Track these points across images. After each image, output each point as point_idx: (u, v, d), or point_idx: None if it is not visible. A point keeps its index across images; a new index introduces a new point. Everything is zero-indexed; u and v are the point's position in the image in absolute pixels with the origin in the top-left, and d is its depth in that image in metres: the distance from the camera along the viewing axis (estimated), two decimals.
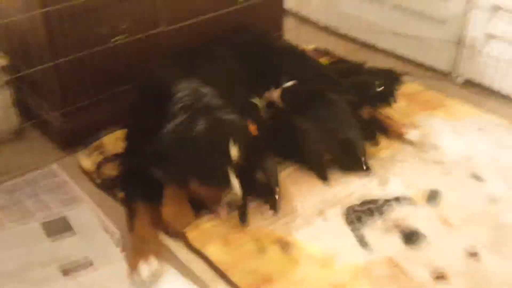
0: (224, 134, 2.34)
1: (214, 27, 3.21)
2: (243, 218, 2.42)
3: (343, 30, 3.86)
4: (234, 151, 2.32)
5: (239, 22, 3.32)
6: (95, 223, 2.48)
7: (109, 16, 2.78)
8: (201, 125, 2.29)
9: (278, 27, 3.69)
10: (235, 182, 2.33)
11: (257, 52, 3.05)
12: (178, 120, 2.31)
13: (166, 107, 2.38)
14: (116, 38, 2.83)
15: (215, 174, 2.32)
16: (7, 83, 2.90)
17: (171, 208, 2.39)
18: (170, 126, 2.31)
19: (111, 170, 2.75)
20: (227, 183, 2.32)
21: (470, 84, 3.49)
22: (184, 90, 2.42)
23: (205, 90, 2.45)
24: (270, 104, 2.94)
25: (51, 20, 2.61)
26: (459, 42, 3.45)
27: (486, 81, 3.40)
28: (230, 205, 2.39)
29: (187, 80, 2.47)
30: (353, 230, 2.40)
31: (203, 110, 2.34)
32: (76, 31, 2.69)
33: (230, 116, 2.40)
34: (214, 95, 2.44)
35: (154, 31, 2.95)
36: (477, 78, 3.44)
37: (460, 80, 3.52)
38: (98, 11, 2.72)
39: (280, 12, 3.65)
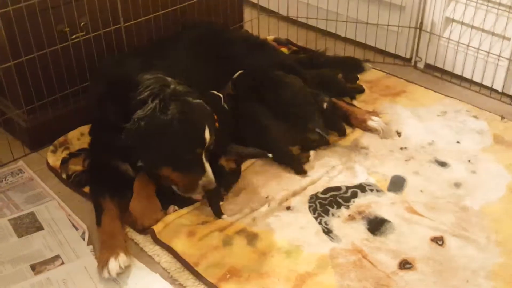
0: (199, 118, 2.36)
1: (173, 21, 3.22)
2: (217, 210, 2.44)
3: (303, 20, 3.87)
4: (207, 136, 2.35)
5: (198, 15, 3.34)
6: (63, 218, 2.48)
7: (68, 13, 2.76)
8: (173, 109, 2.29)
9: (238, 19, 3.70)
10: (208, 167, 2.36)
11: (215, 45, 3.05)
12: (149, 106, 2.30)
13: (131, 99, 2.37)
14: (76, 35, 2.82)
15: (189, 160, 2.34)
16: None
17: (139, 203, 2.41)
18: (140, 112, 2.30)
19: (76, 165, 2.75)
20: (201, 168, 2.35)
21: (431, 68, 3.54)
22: (149, 79, 2.41)
23: (170, 78, 2.45)
24: (231, 96, 2.96)
25: (11, 19, 2.60)
26: (419, 27, 3.49)
27: (447, 65, 3.45)
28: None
29: (150, 71, 2.47)
30: (317, 218, 2.42)
31: (173, 96, 2.34)
32: (36, 29, 2.68)
33: (199, 101, 2.42)
34: (178, 83, 2.44)
35: (113, 27, 2.94)
36: (438, 63, 3.49)
37: (421, 65, 3.57)
38: (57, 9, 2.71)
39: (239, 3, 3.66)
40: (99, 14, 2.87)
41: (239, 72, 2.97)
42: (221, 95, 2.81)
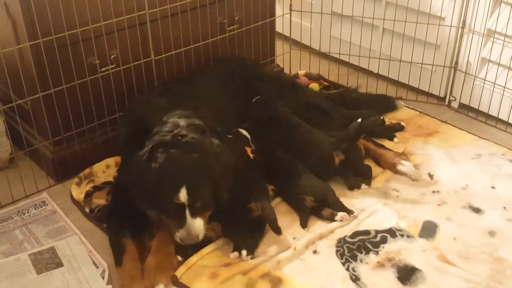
0: (178, 175, 2.27)
1: (204, 55, 3.19)
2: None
3: (335, 55, 3.81)
4: (183, 194, 2.24)
5: (230, 49, 3.31)
6: (83, 254, 2.44)
7: (99, 46, 2.75)
8: (157, 159, 2.27)
9: (270, 53, 3.66)
10: (191, 222, 2.27)
11: (246, 81, 3.02)
12: (142, 152, 2.31)
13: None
14: (106, 67, 2.80)
15: (170, 210, 2.28)
16: None
17: (156, 260, 2.33)
18: (134, 157, 2.33)
19: (100, 199, 2.72)
20: (181, 221, 2.27)
21: (465, 108, 3.45)
22: (167, 123, 2.41)
23: (184, 122, 2.41)
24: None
25: (41, 51, 2.60)
26: (454, 67, 3.42)
27: (482, 106, 3.35)
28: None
29: (176, 113, 2.46)
30: (344, 264, 2.34)
31: (162, 146, 2.31)
32: (66, 61, 2.67)
33: (195, 156, 2.32)
34: (193, 130, 2.39)
35: (143, 60, 2.92)
36: (473, 103, 3.40)
37: (455, 104, 3.48)
38: (87, 42, 2.70)
39: (271, 38, 3.61)
40: (129, 47, 2.85)
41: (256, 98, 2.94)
42: (248, 136, 2.78)
